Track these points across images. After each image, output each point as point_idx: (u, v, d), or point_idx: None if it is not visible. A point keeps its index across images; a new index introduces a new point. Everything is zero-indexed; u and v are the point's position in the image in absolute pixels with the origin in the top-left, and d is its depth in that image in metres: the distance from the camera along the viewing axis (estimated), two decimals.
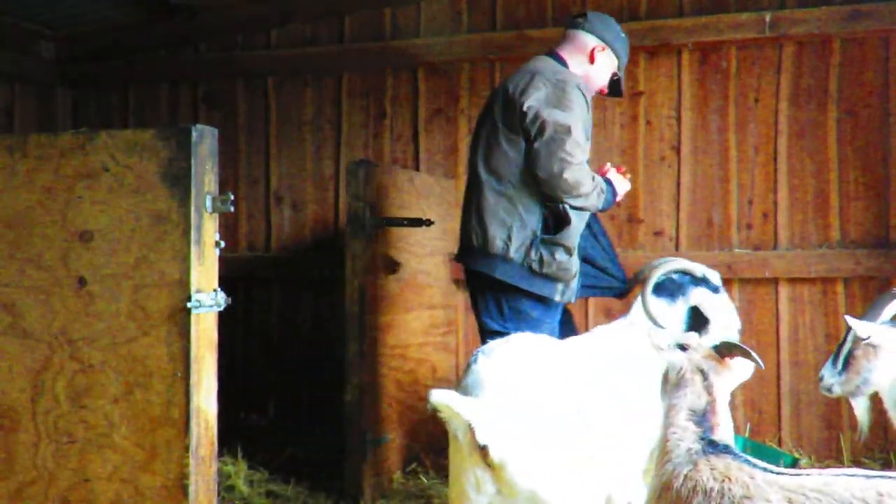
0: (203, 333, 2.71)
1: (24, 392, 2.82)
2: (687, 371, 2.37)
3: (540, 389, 2.85)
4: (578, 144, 3.42)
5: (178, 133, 2.70)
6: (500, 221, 3.51)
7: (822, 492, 1.94)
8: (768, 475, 2.04)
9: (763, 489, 1.99)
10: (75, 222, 2.78)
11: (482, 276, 3.58)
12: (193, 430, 2.66)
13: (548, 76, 3.53)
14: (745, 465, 2.09)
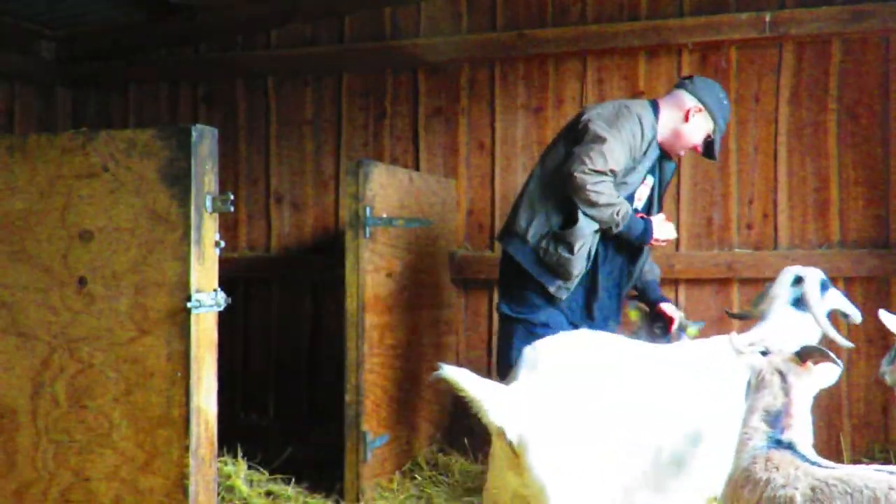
0: (203, 333, 2.71)
1: (24, 392, 2.82)
2: (766, 373, 2.47)
3: (577, 385, 2.82)
4: (603, 155, 3.59)
5: (178, 133, 2.70)
6: (531, 207, 3.79)
7: (842, 480, 2.13)
8: (810, 467, 2.21)
9: (798, 478, 2.17)
10: (75, 222, 2.78)
11: (504, 255, 3.85)
12: (193, 430, 2.66)
13: (620, 102, 3.86)
14: (797, 458, 2.25)
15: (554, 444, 2.71)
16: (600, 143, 3.61)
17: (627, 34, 4.90)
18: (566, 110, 5.08)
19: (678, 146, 3.91)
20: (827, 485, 2.13)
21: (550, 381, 2.81)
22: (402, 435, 4.39)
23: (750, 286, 4.78)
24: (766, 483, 2.21)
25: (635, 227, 3.72)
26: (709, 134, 3.90)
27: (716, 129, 3.89)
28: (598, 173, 3.58)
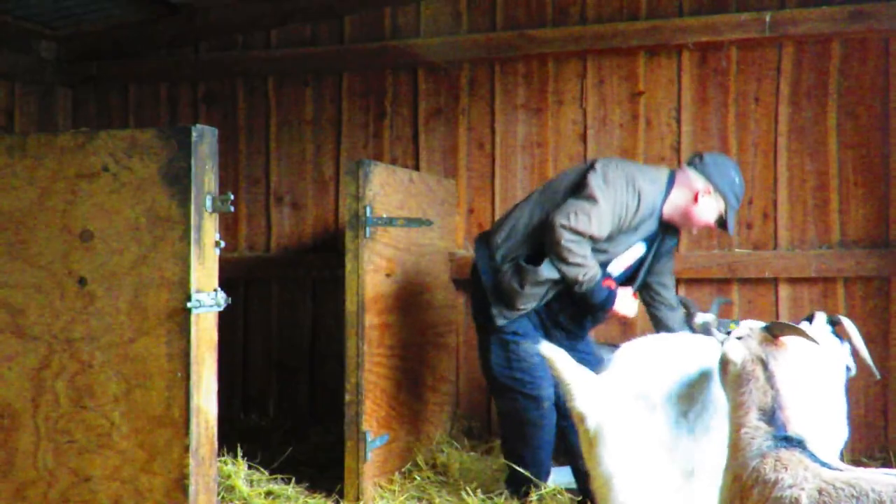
0: (203, 333, 2.71)
1: (24, 392, 2.82)
2: (748, 364, 2.42)
3: (659, 385, 2.84)
4: (590, 218, 3.61)
5: (178, 133, 2.70)
6: (514, 227, 3.85)
7: (849, 483, 2.11)
8: (819, 468, 2.18)
9: (806, 479, 2.15)
10: (75, 222, 2.78)
11: (473, 260, 3.98)
12: (193, 430, 2.66)
13: (634, 169, 3.82)
14: (806, 457, 2.21)
15: (626, 442, 2.74)
16: (591, 205, 3.61)
17: (627, 34, 4.90)
18: (566, 110, 5.08)
19: (688, 225, 3.90)
20: (834, 487, 2.11)
21: (634, 379, 2.84)
22: (402, 435, 4.39)
23: (750, 286, 4.78)
24: (774, 483, 2.19)
25: (598, 294, 3.70)
26: (721, 213, 3.86)
27: (727, 207, 3.83)
28: (577, 233, 3.60)
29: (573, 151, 5.06)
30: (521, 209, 3.92)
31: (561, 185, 3.85)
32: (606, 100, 5.03)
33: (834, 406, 3.15)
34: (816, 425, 2.55)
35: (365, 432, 4.02)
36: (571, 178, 3.84)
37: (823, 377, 3.08)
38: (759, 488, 2.22)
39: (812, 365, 2.76)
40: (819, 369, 2.98)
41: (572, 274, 3.65)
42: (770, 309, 4.74)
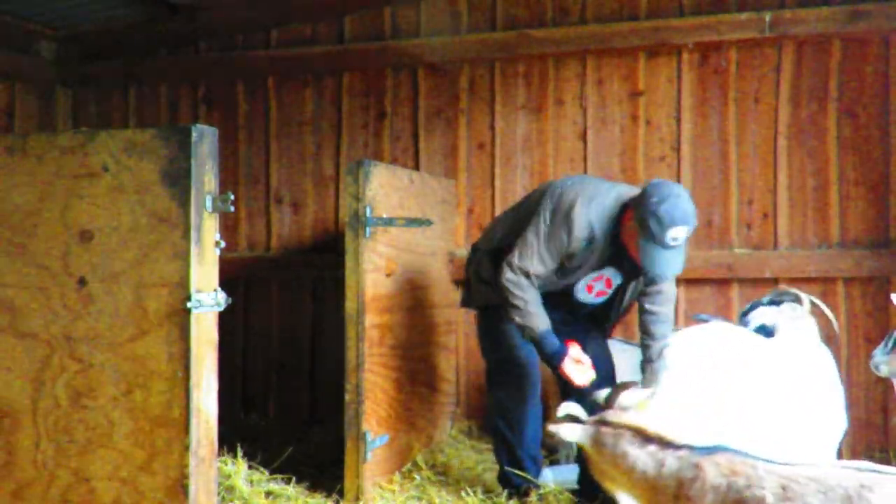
0: (203, 333, 2.71)
1: (24, 392, 2.82)
2: (592, 430, 2.53)
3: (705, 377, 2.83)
4: (530, 257, 3.51)
5: (178, 133, 2.70)
6: (491, 237, 3.94)
7: (814, 479, 2.11)
8: (768, 465, 2.19)
9: (763, 478, 2.15)
10: (75, 222, 2.78)
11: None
12: (193, 430, 2.66)
13: (576, 196, 3.50)
14: (746, 458, 2.23)
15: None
16: (530, 241, 3.51)
17: (627, 34, 4.90)
18: (566, 110, 5.08)
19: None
20: (798, 483, 2.11)
21: (691, 379, 2.79)
22: (402, 435, 4.39)
23: (750, 286, 4.78)
24: (728, 487, 2.18)
25: (547, 346, 3.52)
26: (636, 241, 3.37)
27: (646, 236, 3.27)
28: (518, 271, 3.51)
29: (573, 151, 5.07)
30: (501, 223, 3.92)
31: (523, 212, 3.73)
32: (606, 100, 5.03)
33: (821, 397, 3.15)
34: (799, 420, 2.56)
35: (365, 432, 4.01)
36: (531, 205, 3.68)
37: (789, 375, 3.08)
38: (712, 496, 2.21)
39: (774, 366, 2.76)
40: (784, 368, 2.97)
41: (510, 314, 3.56)
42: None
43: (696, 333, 3.07)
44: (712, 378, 2.81)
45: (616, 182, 3.94)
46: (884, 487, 2.04)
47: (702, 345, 2.96)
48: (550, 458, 4.56)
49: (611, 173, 5.01)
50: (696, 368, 2.79)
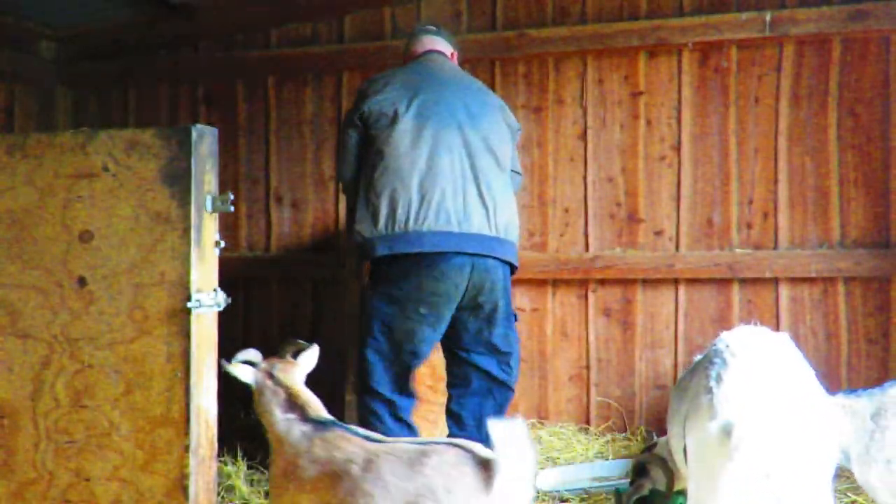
0: (203, 333, 2.71)
1: (24, 392, 2.82)
2: (260, 378, 2.88)
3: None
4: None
5: (178, 133, 2.70)
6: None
7: (389, 451, 2.47)
8: (364, 441, 2.56)
9: (356, 452, 2.51)
10: (75, 222, 2.78)
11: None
12: (193, 430, 2.66)
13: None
14: (348, 433, 2.62)
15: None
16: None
17: (627, 34, 4.90)
18: (566, 110, 5.08)
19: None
20: (378, 456, 2.46)
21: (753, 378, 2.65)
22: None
23: (750, 286, 4.79)
24: (329, 461, 2.54)
25: None
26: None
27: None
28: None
29: (573, 151, 5.07)
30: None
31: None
32: (606, 100, 5.03)
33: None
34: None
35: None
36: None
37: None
38: (316, 468, 2.55)
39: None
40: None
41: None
42: (770, 309, 4.74)
43: (757, 332, 2.97)
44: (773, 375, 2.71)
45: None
46: (438, 454, 2.39)
47: (765, 342, 2.86)
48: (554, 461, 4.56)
49: (611, 173, 5.01)
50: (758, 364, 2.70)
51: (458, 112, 3.68)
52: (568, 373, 5.07)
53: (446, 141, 3.62)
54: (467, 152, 3.64)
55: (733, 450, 2.41)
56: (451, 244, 3.56)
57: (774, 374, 2.65)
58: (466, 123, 3.66)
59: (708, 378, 2.66)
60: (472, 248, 3.59)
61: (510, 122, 3.86)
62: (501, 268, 3.68)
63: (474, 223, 3.58)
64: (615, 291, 5.00)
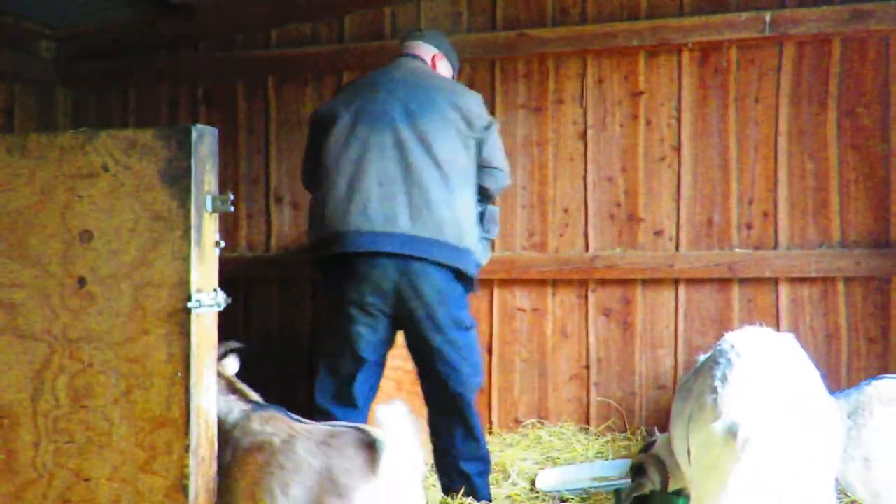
0: (203, 333, 2.71)
1: (23, 392, 2.82)
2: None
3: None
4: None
5: (178, 133, 2.70)
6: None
7: (307, 430, 2.79)
8: (291, 421, 2.88)
9: (282, 428, 2.82)
10: (75, 222, 2.78)
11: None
12: (193, 430, 2.66)
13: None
14: (281, 414, 2.94)
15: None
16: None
17: (627, 34, 4.90)
18: (566, 110, 5.08)
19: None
20: (298, 433, 2.78)
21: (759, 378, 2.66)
22: None
23: (750, 286, 4.79)
24: (261, 432, 2.86)
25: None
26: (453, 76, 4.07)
27: (454, 74, 4.05)
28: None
29: (573, 151, 5.07)
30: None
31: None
32: (606, 99, 5.03)
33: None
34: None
35: None
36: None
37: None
38: (249, 438, 2.86)
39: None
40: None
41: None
42: (770, 309, 4.74)
43: (762, 333, 2.97)
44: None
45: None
46: (341, 436, 2.71)
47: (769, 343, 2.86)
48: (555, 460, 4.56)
49: (611, 173, 5.01)
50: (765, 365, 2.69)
51: (394, 111, 3.64)
52: (568, 373, 5.07)
53: (377, 141, 3.61)
54: (399, 151, 3.59)
55: (738, 450, 2.41)
56: (373, 244, 3.54)
57: (779, 374, 2.65)
58: (402, 122, 3.61)
59: (713, 378, 2.66)
60: (394, 249, 3.53)
61: (471, 117, 3.68)
62: (437, 271, 3.57)
63: (400, 223, 3.53)
64: (615, 291, 5.00)
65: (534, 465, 4.48)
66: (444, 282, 3.59)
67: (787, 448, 2.47)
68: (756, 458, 2.43)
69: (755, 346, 2.73)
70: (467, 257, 3.63)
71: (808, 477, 2.51)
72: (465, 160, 3.66)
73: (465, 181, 3.64)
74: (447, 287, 3.60)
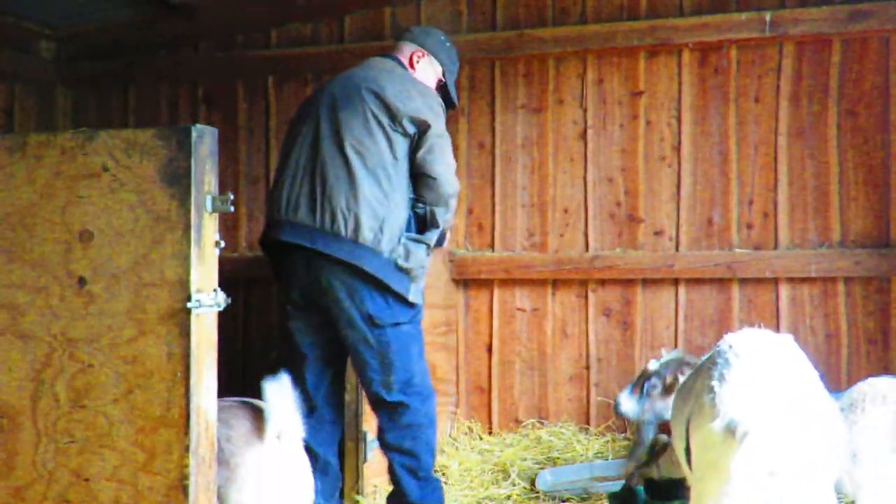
0: (203, 333, 2.70)
1: (23, 392, 2.82)
2: None
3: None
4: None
5: (178, 133, 2.70)
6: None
7: (226, 405, 2.86)
8: (224, 400, 2.88)
9: (229, 407, 2.90)
10: (75, 222, 2.77)
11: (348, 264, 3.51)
12: (193, 430, 2.66)
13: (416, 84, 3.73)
14: (230, 401, 2.94)
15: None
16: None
17: (627, 34, 4.90)
18: (566, 110, 5.08)
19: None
20: (224, 408, 2.84)
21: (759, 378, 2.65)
22: None
23: (750, 286, 4.79)
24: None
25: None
26: (440, 78, 3.87)
27: (444, 71, 3.86)
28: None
29: (573, 151, 5.07)
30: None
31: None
32: (606, 100, 5.03)
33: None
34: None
35: (365, 432, 4.02)
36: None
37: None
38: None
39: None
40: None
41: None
42: (770, 309, 4.74)
43: (761, 334, 2.98)
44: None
45: None
46: (231, 409, 2.85)
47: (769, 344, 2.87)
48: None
49: (611, 173, 5.01)
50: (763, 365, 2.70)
51: (321, 105, 3.63)
52: (568, 373, 5.07)
53: (303, 132, 3.63)
54: (315, 142, 3.57)
55: (737, 448, 2.41)
56: (285, 235, 3.54)
57: (778, 374, 2.65)
58: (324, 113, 3.60)
59: (711, 378, 2.66)
60: (298, 240, 3.49)
61: (395, 111, 3.53)
62: (337, 268, 3.47)
63: (300, 213, 3.51)
64: (615, 291, 5.00)
65: (534, 465, 4.48)
66: (349, 276, 3.47)
67: (786, 446, 2.48)
68: (754, 455, 2.43)
69: (754, 347, 2.74)
70: (365, 255, 3.45)
71: (807, 476, 2.51)
72: (389, 153, 3.52)
73: (382, 174, 3.50)
74: (354, 282, 3.47)
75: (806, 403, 2.60)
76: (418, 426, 3.56)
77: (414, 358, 3.58)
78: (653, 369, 3.81)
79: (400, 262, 3.48)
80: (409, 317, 3.56)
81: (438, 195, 3.57)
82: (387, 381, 3.53)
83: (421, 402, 3.57)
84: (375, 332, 3.51)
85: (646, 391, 3.75)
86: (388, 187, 3.50)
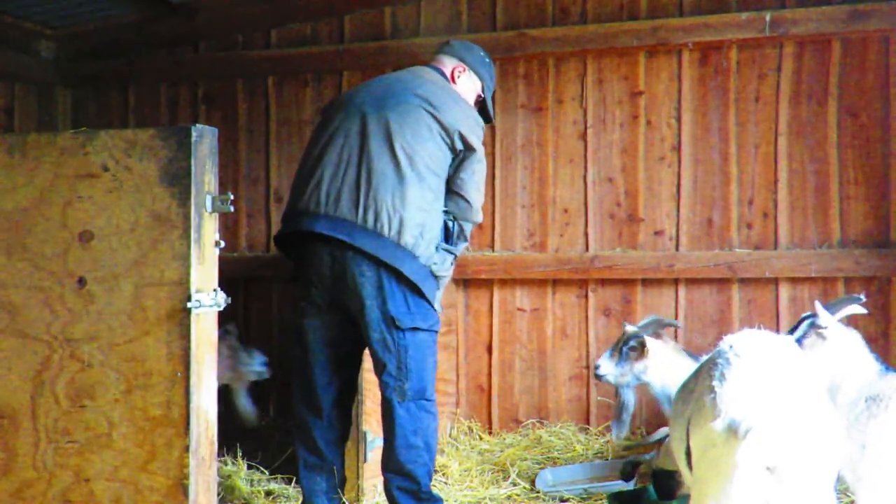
0: (203, 333, 2.71)
1: (24, 392, 2.82)
2: None
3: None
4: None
5: (178, 133, 2.70)
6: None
7: None
8: None
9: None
10: (75, 222, 2.78)
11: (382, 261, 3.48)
12: (193, 430, 2.66)
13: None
14: None
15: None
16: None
17: (627, 34, 4.90)
18: (566, 110, 5.08)
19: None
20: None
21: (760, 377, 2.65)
22: None
23: (750, 286, 4.78)
24: None
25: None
26: (479, 94, 3.92)
27: (484, 87, 3.91)
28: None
29: (573, 151, 5.07)
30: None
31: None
32: (606, 99, 5.03)
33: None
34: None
35: (365, 432, 4.02)
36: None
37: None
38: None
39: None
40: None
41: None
42: (770, 309, 4.74)
43: (761, 334, 2.98)
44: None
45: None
46: None
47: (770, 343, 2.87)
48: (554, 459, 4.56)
49: (611, 173, 5.01)
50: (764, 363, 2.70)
51: (365, 104, 3.61)
52: (568, 373, 5.07)
53: (346, 126, 3.58)
54: (362, 138, 3.53)
55: (737, 448, 2.42)
56: (312, 225, 3.49)
57: (778, 374, 2.65)
58: (370, 112, 3.56)
59: (711, 378, 2.66)
60: (328, 231, 3.44)
61: (447, 125, 3.55)
62: (369, 265, 3.42)
63: (342, 207, 3.46)
64: (615, 291, 5.00)
65: (534, 465, 4.48)
66: (378, 276, 3.43)
67: (787, 446, 2.48)
68: (755, 454, 2.43)
69: (754, 347, 2.74)
70: (404, 257, 3.42)
71: (807, 475, 2.51)
72: (437, 161, 3.53)
73: (429, 181, 3.50)
74: (385, 282, 3.44)
75: (806, 403, 2.60)
76: (404, 440, 3.50)
77: (428, 368, 3.55)
78: (631, 331, 3.91)
79: (434, 269, 3.50)
80: (428, 324, 3.54)
81: (466, 216, 3.68)
82: (401, 387, 3.48)
83: (430, 422, 3.55)
84: (395, 335, 3.46)
85: (624, 354, 3.83)
86: (431, 194, 3.50)
